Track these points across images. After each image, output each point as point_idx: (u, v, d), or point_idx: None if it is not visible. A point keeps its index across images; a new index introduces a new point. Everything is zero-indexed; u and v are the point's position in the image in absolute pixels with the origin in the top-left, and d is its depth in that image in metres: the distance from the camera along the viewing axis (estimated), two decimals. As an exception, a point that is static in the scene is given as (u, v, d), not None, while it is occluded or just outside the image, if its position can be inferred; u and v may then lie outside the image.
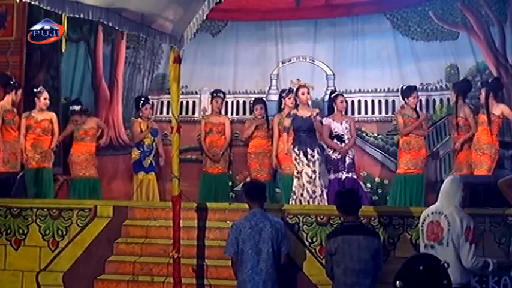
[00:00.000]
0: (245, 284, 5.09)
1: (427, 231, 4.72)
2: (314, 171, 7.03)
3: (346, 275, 4.83)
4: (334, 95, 8.03)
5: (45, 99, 8.02)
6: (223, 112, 8.79)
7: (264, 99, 8.62)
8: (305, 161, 7.05)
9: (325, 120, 7.78)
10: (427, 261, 3.73)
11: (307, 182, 7.01)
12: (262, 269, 5.07)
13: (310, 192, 6.98)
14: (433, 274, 3.23)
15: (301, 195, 7.03)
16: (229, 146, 8.48)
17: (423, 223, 4.79)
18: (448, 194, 4.74)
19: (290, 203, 7.04)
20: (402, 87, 7.98)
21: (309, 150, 7.07)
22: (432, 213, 4.75)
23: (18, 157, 7.63)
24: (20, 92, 7.80)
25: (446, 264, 3.09)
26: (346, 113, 8.08)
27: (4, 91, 7.78)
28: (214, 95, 8.44)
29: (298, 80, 7.61)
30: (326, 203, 6.89)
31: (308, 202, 6.93)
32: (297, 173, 7.10)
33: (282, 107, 8.06)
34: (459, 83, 7.80)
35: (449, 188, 4.77)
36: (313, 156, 7.07)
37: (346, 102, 8.15)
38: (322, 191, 7.03)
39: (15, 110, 7.72)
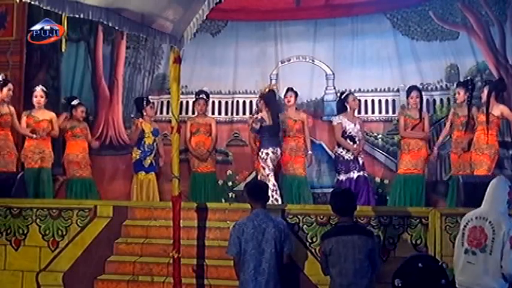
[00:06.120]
0: (248, 284, 5.08)
1: (468, 236, 4.48)
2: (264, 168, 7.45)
3: (342, 276, 4.83)
4: (345, 94, 8.12)
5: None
6: (223, 112, 8.80)
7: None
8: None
9: (337, 119, 7.87)
10: (426, 261, 3.74)
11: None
12: (264, 269, 5.07)
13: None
14: (431, 273, 3.22)
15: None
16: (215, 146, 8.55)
17: (465, 226, 4.54)
18: (493, 198, 4.50)
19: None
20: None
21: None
22: (476, 217, 4.50)
23: (5, 156, 7.55)
24: (6, 89, 7.64)
25: (444, 265, 3.08)
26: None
27: None
28: (197, 96, 8.48)
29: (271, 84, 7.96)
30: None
31: None
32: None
33: (286, 106, 8.14)
34: (466, 82, 7.79)
35: (494, 191, 4.51)
36: (267, 154, 7.46)
37: (359, 100, 8.33)
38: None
39: (6, 108, 7.62)
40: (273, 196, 7.19)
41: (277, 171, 8.12)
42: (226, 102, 9.16)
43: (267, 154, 7.49)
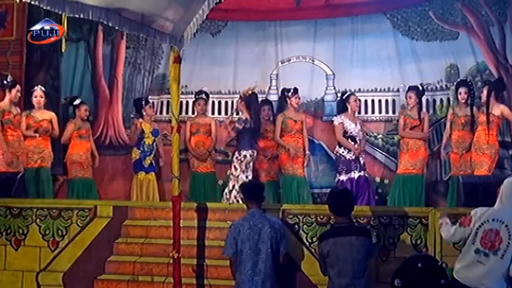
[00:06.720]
0: (244, 284, 5.08)
1: (483, 238, 4.41)
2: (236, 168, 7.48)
3: (340, 277, 4.82)
4: (347, 94, 8.11)
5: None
6: (222, 111, 8.81)
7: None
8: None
9: (338, 119, 7.88)
10: (426, 261, 3.73)
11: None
12: (261, 269, 5.07)
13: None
14: (431, 274, 3.22)
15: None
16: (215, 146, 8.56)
17: (479, 227, 4.44)
18: (508, 199, 4.43)
19: None
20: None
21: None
22: (493, 219, 4.41)
23: (19, 157, 7.59)
24: (15, 90, 7.65)
25: (444, 265, 3.08)
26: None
27: (2, 91, 7.75)
28: (197, 96, 8.47)
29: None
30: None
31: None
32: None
33: (287, 106, 8.12)
34: (467, 81, 7.80)
35: (509, 191, 4.44)
36: (245, 157, 7.45)
37: (360, 101, 8.33)
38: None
39: (14, 109, 7.65)
40: (235, 197, 7.21)
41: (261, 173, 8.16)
42: (226, 102, 9.17)
43: (245, 156, 7.50)
